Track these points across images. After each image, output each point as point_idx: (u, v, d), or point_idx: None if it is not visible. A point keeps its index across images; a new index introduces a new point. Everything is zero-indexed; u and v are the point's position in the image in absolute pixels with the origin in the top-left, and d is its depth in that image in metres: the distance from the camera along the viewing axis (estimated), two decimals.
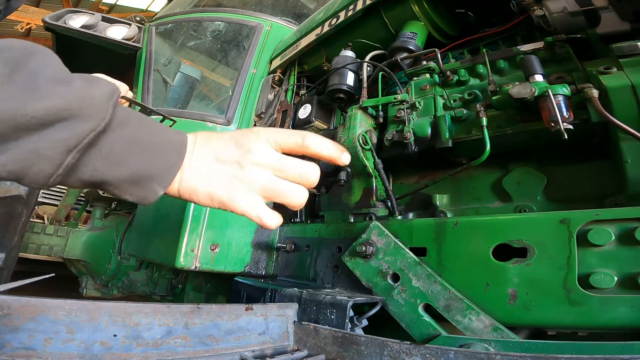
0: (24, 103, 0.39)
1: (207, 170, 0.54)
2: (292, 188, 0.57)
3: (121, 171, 0.47)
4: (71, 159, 0.43)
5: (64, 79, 0.43)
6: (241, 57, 2.22)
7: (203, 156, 0.54)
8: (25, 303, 0.57)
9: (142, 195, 0.51)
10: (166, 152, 0.51)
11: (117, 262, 2.67)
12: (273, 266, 1.40)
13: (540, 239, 0.82)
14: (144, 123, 0.50)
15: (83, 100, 0.42)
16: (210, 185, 0.53)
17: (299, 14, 2.71)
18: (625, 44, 0.88)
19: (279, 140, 0.57)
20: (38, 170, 0.42)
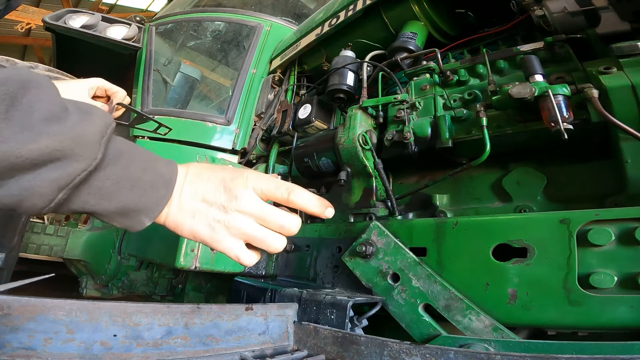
0: (18, 144, 0.40)
1: (194, 209, 0.56)
2: (271, 236, 0.59)
3: (111, 205, 0.50)
4: (62, 195, 0.45)
5: (58, 115, 0.44)
6: (241, 57, 2.22)
7: (192, 195, 0.56)
8: (25, 303, 0.57)
9: (130, 225, 0.54)
10: (155, 187, 0.53)
11: (117, 262, 2.67)
12: (273, 266, 1.40)
13: (540, 239, 0.82)
14: (135, 157, 0.52)
15: (75, 140, 0.44)
16: (194, 224, 0.56)
17: (299, 14, 2.71)
18: (625, 44, 0.88)
19: (265, 191, 0.59)
20: (31, 204, 0.44)
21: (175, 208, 0.55)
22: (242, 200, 0.56)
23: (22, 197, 0.43)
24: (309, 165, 1.49)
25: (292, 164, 1.63)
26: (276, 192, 0.59)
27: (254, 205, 0.57)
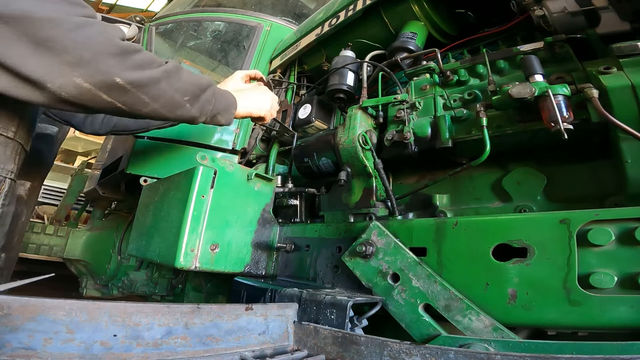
0: (202, 81, 0.97)
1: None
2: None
3: (220, 107, 1.05)
4: (210, 105, 1.00)
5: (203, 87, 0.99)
6: (241, 57, 2.22)
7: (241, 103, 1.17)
8: (25, 303, 0.57)
9: (229, 118, 1.10)
10: (230, 96, 1.11)
11: (117, 262, 2.67)
12: (273, 266, 1.40)
13: (540, 239, 0.82)
14: (223, 93, 1.09)
15: (215, 91, 1.04)
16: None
17: (299, 14, 2.71)
18: (625, 44, 0.89)
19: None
20: (206, 111, 1.00)
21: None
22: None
23: (205, 109, 0.99)
24: (309, 165, 1.49)
25: (292, 164, 1.63)
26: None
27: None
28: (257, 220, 1.38)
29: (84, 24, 0.70)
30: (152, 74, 0.81)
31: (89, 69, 0.70)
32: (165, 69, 0.84)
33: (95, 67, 0.70)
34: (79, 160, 6.36)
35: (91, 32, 0.70)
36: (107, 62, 0.72)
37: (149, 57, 0.83)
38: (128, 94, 0.78)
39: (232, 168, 1.32)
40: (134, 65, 0.77)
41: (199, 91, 0.94)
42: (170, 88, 0.85)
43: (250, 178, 1.36)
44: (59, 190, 4.83)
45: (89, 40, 0.69)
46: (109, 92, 0.75)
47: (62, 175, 5.18)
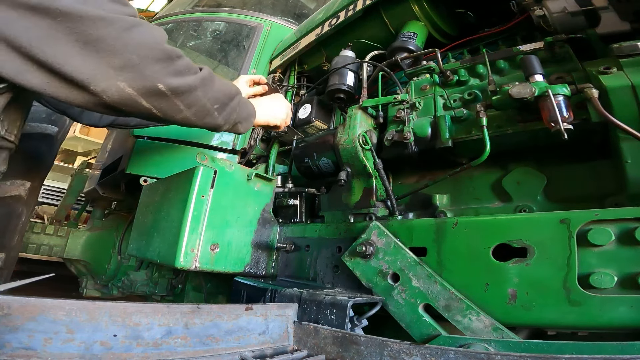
0: (232, 90, 0.99)
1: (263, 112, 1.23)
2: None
3: (242, 115, 1.07)
4: (234, 114, 1.02)
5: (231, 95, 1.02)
6: (241, 57, 2.22)
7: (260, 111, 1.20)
8: (25, 303, 0.57)
9: (247, 126, 1.11)
10: (250, 105, 1.13)
11: (117, 262, 2.67)
12: (273, 266, 1.40)
13: (540, 239, 0.82)
14: (246, 102, 1.11)
15: (241, 100, 1.06)
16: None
17: (299, 14, 2.71)
18: (625, 44, 0.88)
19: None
20: (230, 120, 1.01)
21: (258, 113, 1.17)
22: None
23: (232, 116, 1.00)
24: (309, 165, 1.49)
25: (292, 164, 1.63)
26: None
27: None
28: (257, 220, 1.38)
29: (135, 25, 0.70)
30: (191, 82, 0.81)
31: (135, 73, 0.70)
32: (202, 76, 0.84)
33: (140, 72, 0.70)
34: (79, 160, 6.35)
35: (141, 35, 0.70)
36: (153, 67, 0.72)
37: (188, 63, 0.83)
38: (166, 101, 0.78)
39: (232, 168, 1.32)
40: (176, 71, 0.77)
41: (227, 100, 0.94)
42: (204, 96, 0.85)
43: (250, 178, 1.36)
44: (59, 190, 4.83)
45: (138, 43, 0.69)
46: (149, 97, 0.75)
47: (62, 175, 5.18)
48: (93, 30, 0.64)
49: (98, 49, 0.65)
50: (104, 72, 0.66)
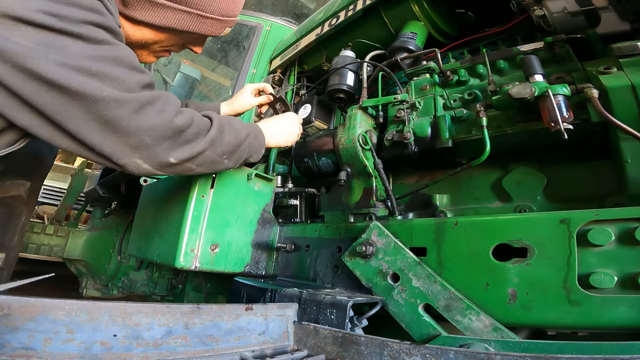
0: (240, 136, 1.01)
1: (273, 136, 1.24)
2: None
3: (253, 150, 1.08)
4: (247, 153, 1.05)
5: (240, 139, 1.02)
6: (241, 57, 2.22)
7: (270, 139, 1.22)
8: (25, 303, 0.57)
9: (258, 157, 1.12)
10: (261, 137, 1.12)
11: (117, 262, 2.67)
12: (273, 266, 1.40)
13: (540, 239, 0.82)
14: (258, 136, 1.12)
15: (253, 142, 1.08)
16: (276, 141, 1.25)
17: (299, 14, 2.71)
18: (625, 44, 0.88)
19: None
20: (240, 160, 1.04)
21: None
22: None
23: (240, 160, 1.03)
24: (309, 165, 1.49)
25: (292, 164, 1.63)
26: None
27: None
28: (257, 220, 1.38)
29: (146, 102, 0.76)
30: (200, 147, 0.87)
31: (149, 151, 0.78)
32: (211, 137, 0.90)
33: (153, 151, 0.78)
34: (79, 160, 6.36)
35: (151, 115, 0.76)
36: (164, 145, 0.79)
37: (199, 126, 0.88)
38: (179, 167, 0.86)
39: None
40: (185, 141, 0.84)
41: (236, 147, 0.99)
42: (213, 153, 0.91)
43: (250, 178, 1.36)
44: (59, 190, 4.83)
45: (149, 125, 0.76)
46: (164, 169, 0.84)
47: (62, 175, 5.18)
48: (107, 110, 0.70)
49: (114, 129, 0.72)
50: (122, 150, 0.75)
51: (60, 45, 0.67)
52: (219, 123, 0.93)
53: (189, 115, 0.86)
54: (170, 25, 0.96)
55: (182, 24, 0.97)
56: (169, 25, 0.96)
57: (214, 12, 1.00)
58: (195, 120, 0.88)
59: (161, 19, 0.95)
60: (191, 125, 0.85)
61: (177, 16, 0.96)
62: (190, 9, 0.96)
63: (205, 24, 1.01)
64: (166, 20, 0.95)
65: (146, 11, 0.93)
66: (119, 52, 0.76)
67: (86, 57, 0.70)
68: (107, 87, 0.71)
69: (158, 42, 1.03)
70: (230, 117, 1.07)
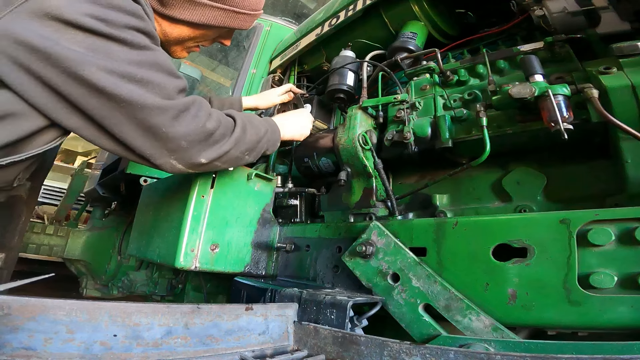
0: (260, 133, 1.06)
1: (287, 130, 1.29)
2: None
3: (270, 144, 1.13)
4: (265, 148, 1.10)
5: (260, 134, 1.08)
6: (241, 57, 2.22)
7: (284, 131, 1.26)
8: (25, 303, 0.57)
9: (275, 146, 1.16)
10: (277, 131, 1.18)
11: (117, 262, 2.67)
12: (273, 266, 1.40)
13: (540, 239, 0.82)
14: (274, 129, 1.17)
15: (269, 140, 1.12)
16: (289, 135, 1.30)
17: (299, 14, 2.72)
18: (625, 44, 0.89)
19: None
20: (259, 155, 1.09)
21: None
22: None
23: (258, 154, 1.07)
24: (309, 165, 1.49)
25: (292, 164, 1.63)
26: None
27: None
28: (257, 220, 1.38)
29: (184, 109, 0.82)
30: (226, 147, 0.94)
31: (183, 153, 0.85)
32: (235, 137, 0.96)
33: (187, 153, 0.86)
34: (79, 160, 6.35)
35: (188, 120, 0.83)
36: (197, 147, 0.87)
37: (225, 126, 0.94)
38: (207, 166, 0.93)
39: (231, 168, 1.32)
40: (214, 142, 0.91)
41: (257, 144, 1.06)
42: (237, 151, 0.98)
43: (250, 178, 1.36)
44: (59, 190, 4.83)
45: (185, 131, 0.83)
46: (195, 168, 0.91)
47: (62, 175, 5.18)
48: (150, 117, 0.77)
49: (155, 134, 0.79)
50: (160, 153, 0.82)
51: (107, 50, 0.71)
52: (242, 123, 1.00)
53: (217, 118, 0.92)
54: (208, 22, 1.02)
55: (218, 20, 1.03)
56: (207, 22, 1.02)
57: (246, 8, 1.07)
58: (222, 122, 0.94)
59: (200, 17, 1.00)
60: (219, 127, 0.92)
61: (213, 13, 1.02)
62: (225, 6, 1.02)
63: (238, 19, 1.08)
64: (204, 17, 1.01)
65: (185, 10, 0.98)
66: (158, 58, 0.80)
67: (131, 62, 0.74)
68: (150, 94, 0.76)
69: (194, 38, 1.09)
70: (249, 114, 1.10)
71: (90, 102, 0.72)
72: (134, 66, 0.74)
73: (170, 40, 1.06)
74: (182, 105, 0.82)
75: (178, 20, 1.00)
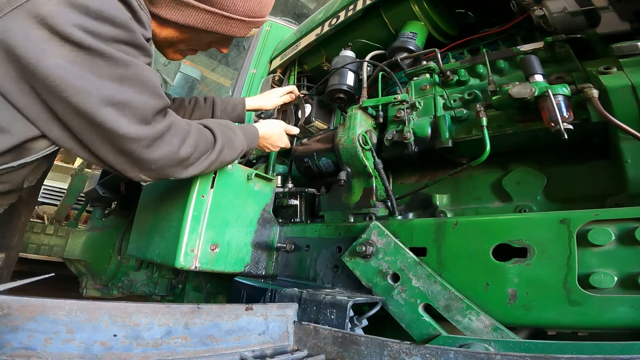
0: (236, 153, 1.12)
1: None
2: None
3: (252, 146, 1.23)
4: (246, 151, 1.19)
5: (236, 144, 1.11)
6: (241, 57, 2.22)
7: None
8: (25, 303, 0.57)
9: (252, 147, 1.25)
10: (255, 140, 1.25)
11: (117, 262, 2.67)
12: (273, 266, 1.40)
13: (540, 239, 0.82)
14: (252, 139, 1.23)
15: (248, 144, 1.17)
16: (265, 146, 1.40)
17: (299, 14, 2.72)
18: (625, 44, 0.88)
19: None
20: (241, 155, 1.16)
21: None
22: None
23: (238, 158, 1.15)
24: (309, 165, 1.49)
25: (292, 164, 1.63)
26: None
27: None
28: (257, 220, 1.38)
29: (157, 137, 0.84)
30: (201, 168, 0.98)
31: (153, 172, 0.89)
32: (210, 160, 0.99)
33: (157, 173, 0.90)
34: (79, 160, 6.36)
35: (161, 149, 0.86)
36: (168, 170, 0.91)
37: (201, 151, 0.96)
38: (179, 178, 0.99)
39: (232, 168, 1.32)
40: (187, 166, 0.94)
41: (233, 160, 1.11)
42: (211, 168, 1.02)
43: (250, 178, 1.36)
44: (59, 190, 4.83)
45: (157, 158, 0.86)
46: (164, 178, 0.96)
47: (62, 175, 5.18)
48: (123, 144, 0.79)
49: (127, 157, 0.83)
50: (131, 169, 0.86)
51: (91, 65, 0.72)
52: (220, 146, 1.02)
53: (192, 143, 0.93)
54: (193, 24, 0.97)
55: (205, 24, 0.98)
56: (193, 24, 0.97)
57: (239, 13, 1.00)
58: (199, 146, 0.95)
59: (185, 18, 0.96)
60: (194, 152, 0.94)
61: (201, 16, 0.96)
62: (214, 9, 0.96)
63: (229, 25, 1.01)
64: (190, 19, 0.96)
65: (171, 10, 0.94)
66: (142, 73, 0.80)
67: (114, 79, 0.75)
68: (126, 119, 0.77)
69: (183, 41, 1.04)
70: (234, 128, 1.11)
71: (69, 118, 0.74)
72: (116, 84, 0.75)
73: (160, 40, 1.03)
74: (156, 133, 0.84)
75: (164, 20, 0.96)
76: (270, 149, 1.41)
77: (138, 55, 0.80)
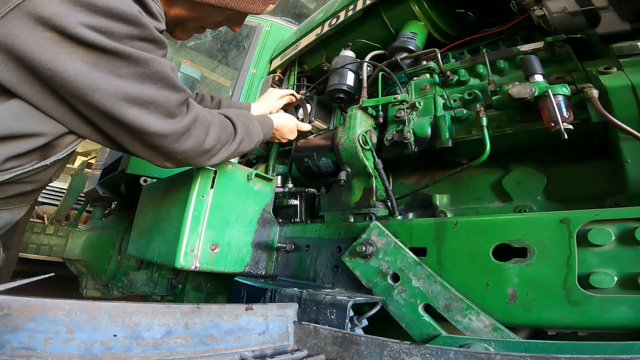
0: (254, 142, 1.16)
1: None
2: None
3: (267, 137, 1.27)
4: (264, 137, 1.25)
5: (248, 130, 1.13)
6: (241, 57, 2.22)
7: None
8: (25, 303, 0.57)
9: (267, 138, 1.28)
10: (270, 128, 1.29)
11: (117, 262, 2.67)
12: (273, 266, 1.40)
13: (540, 239, 0.82)
14: (267, 128, 1.27)
15: (262, 133, 1.22)
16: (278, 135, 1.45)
17: (299, 14, 2.72)
18: (625, 44, 0.88)
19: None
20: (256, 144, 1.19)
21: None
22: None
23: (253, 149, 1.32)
24: (309, 165, 1.49)
25: (292, 164, 1.63)
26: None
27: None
28: (257, 220, 1.38)
29: (183, 131, 0.86)
30: (222, 157, 1.01)
31: (179, 163, 0.93)
32: (230, 151, 1.03)
33: (183, 163, 0.93)
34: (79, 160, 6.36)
35: (187, 143, 0.88)
36: (193, 160, 0.94)
37: (222, 142, 0.99)
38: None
39: (231, 168, 1.32)
40: (211, 156, 0.97)
41: (250, 149, 1.14)
42: (231, 156, 1.06)
43: (250, 178, 1.36)
44: (59, 190, 4.83)
45: (183, 150, 0.88)
46: (192, 166, 1.01)
47: (62, 175, 5.19)
48: (151, 140, 0.82)
49: (156, 149, 0.86)
50: (157, 159, 0.90)
51: (111, 67, 0.70)
52: (240, 137, 1.05)
53: (215, 136, 0.95)
54: (208, 0, 0.92)
55: (221, 0, 0.93)
56: (207, 0, 0.92)
57: None
58: (221, 138, 0.98)
59: None
60: (217, 144, 0.97)
61: None
62: None
63: (246, 1, 0.96)
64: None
65: None
66: (161, 68, 0.78)
67: (136, 79, 0.74)
68: (153, 116, 0.79)
69: (193, 19, 1.00)
70: (253, 122, 1.15)
71: (98, 119, 0.76)
72: (138, 84, 0.74)
73: (168, 20, 0.96)
74: (183, 128, 0.85)
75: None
76: (279, 140, 1.46)
77: (154, 49, 0.77)
